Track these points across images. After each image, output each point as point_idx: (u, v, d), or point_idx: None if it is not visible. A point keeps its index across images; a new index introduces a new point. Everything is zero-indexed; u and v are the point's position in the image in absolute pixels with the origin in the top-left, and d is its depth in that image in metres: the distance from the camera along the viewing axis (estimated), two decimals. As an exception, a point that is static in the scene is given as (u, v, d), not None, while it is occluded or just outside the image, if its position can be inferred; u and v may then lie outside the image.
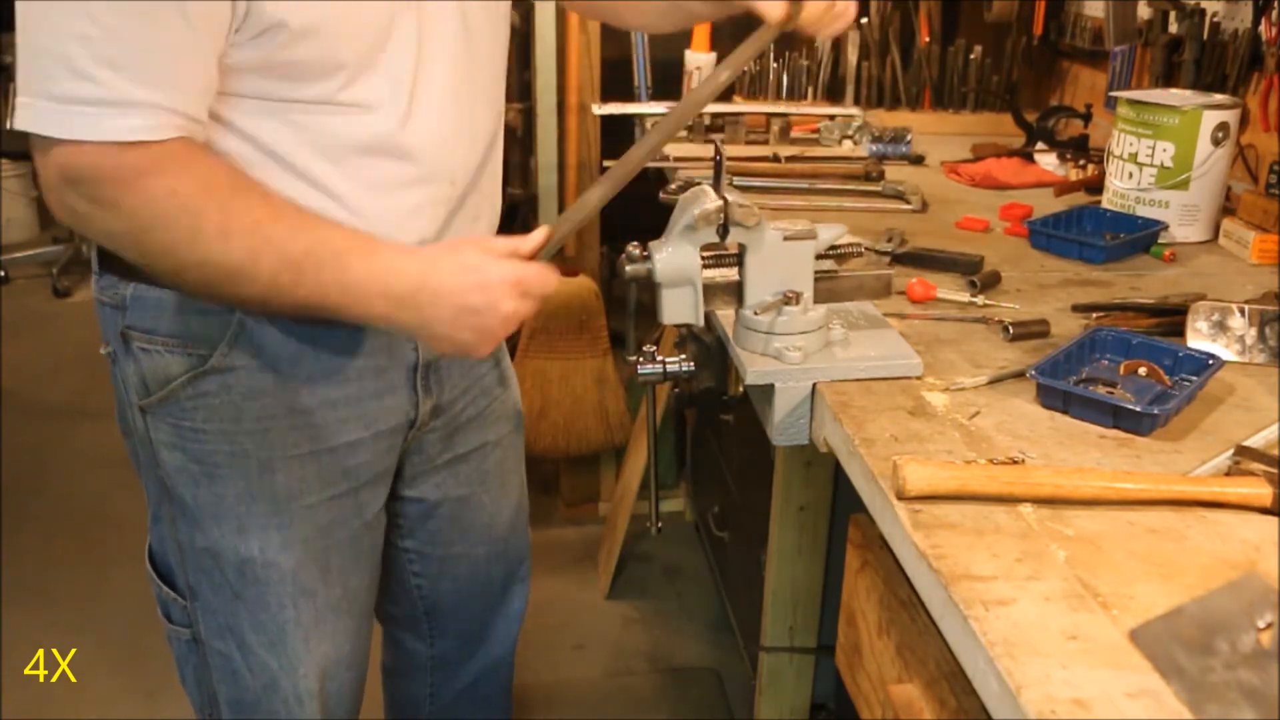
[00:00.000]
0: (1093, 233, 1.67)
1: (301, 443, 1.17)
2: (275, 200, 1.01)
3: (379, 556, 1.34)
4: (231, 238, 0.97)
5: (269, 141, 1.04)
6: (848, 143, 2.25)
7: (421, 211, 1.14)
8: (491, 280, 1.04)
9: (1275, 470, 0.92)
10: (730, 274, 1.17)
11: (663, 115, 1.12)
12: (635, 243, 1.13)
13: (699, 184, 1.13)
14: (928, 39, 2.53)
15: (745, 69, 2.52)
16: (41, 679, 2.28)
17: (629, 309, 1.17)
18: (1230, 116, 1.64)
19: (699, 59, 2.46)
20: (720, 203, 1.10)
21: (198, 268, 0.99)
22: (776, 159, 2.07)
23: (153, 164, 0.94)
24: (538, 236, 1.08)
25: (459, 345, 1.06)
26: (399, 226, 1.11)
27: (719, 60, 2.46)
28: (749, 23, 1.23)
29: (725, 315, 1.22)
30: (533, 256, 1.08)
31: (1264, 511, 0.89)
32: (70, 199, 0.96)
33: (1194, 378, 1.12)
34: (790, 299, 1.14)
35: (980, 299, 1.39)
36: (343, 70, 1.02)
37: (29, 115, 0.93)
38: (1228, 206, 1.72)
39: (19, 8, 0.91)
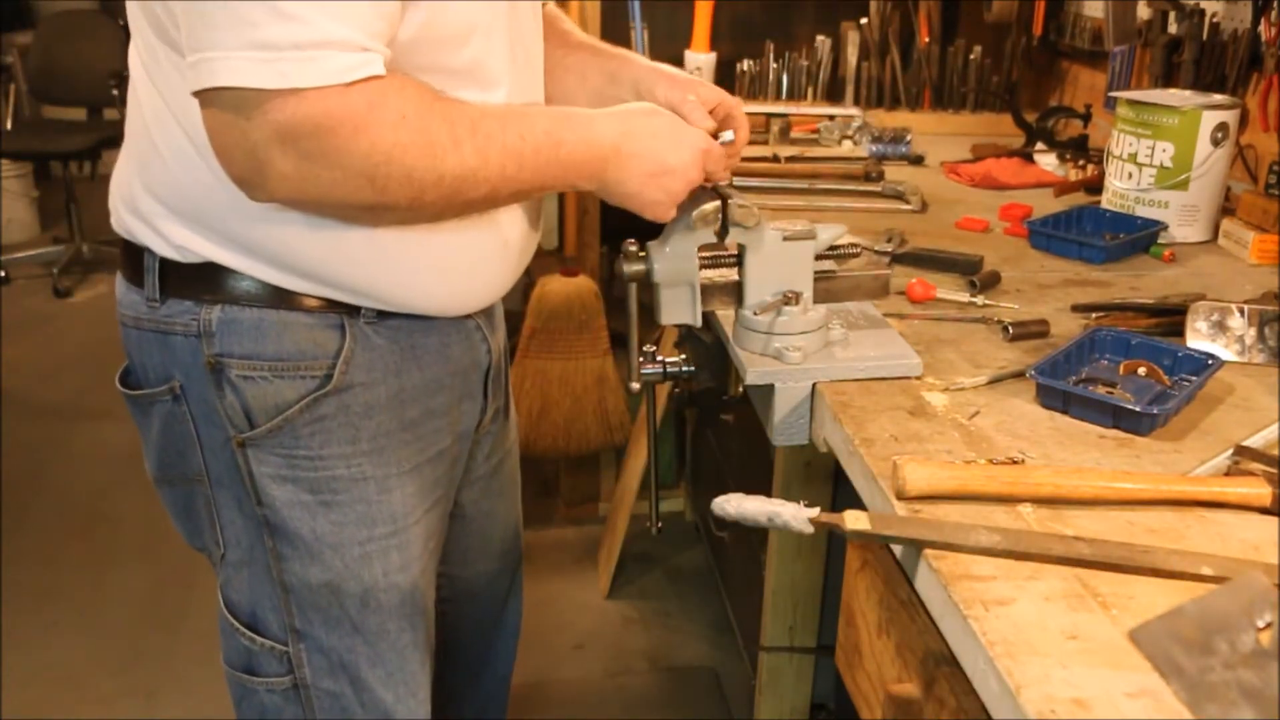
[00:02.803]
0: (1092, 233, 1.67)
1: (411, 456, 1.14)
2: (467, 101, 1.00)
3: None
4: (462, 144, 0.95)
5: None
6: (847, 143, 2.25)
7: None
8: (684, 141, 1.09)
9: (1275, 470, 0.92)
10: (730, 274, 1.17)
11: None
12: (632, 240, 1.13)
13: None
14: (927, 39, 2.53)
15: (745, 70, 2.52)
16: (41, 679, 2.28)
17: (630, 337, 1.18)
18: (1230, 117, 1.64)
19: (699, 59, 2.46)
20: (719, 203, 1.10)
21: (436, 185, 0.95)
22: (776, 159, 2.07)
23: (378, 95, 0.90)
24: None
25: (644, 205, 1.09)
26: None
27: (719, 60, 2.47)
28: (748, 27, 1.26)
29: (725, 315, 1.22)
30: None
31: (1263, 511, 0.89)
32: (292, 158, 0.89)
33: (1193, 378, 1.12)
34: (790, 299, 1.14)
35: (980, 299, 1.39)
36: (473, 41, 1.02)
37: (225, 69, 0.85)
38: (1227, 207, 1.72)
39: None
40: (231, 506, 1.12)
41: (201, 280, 1.04)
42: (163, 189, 1.03)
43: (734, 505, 0.91)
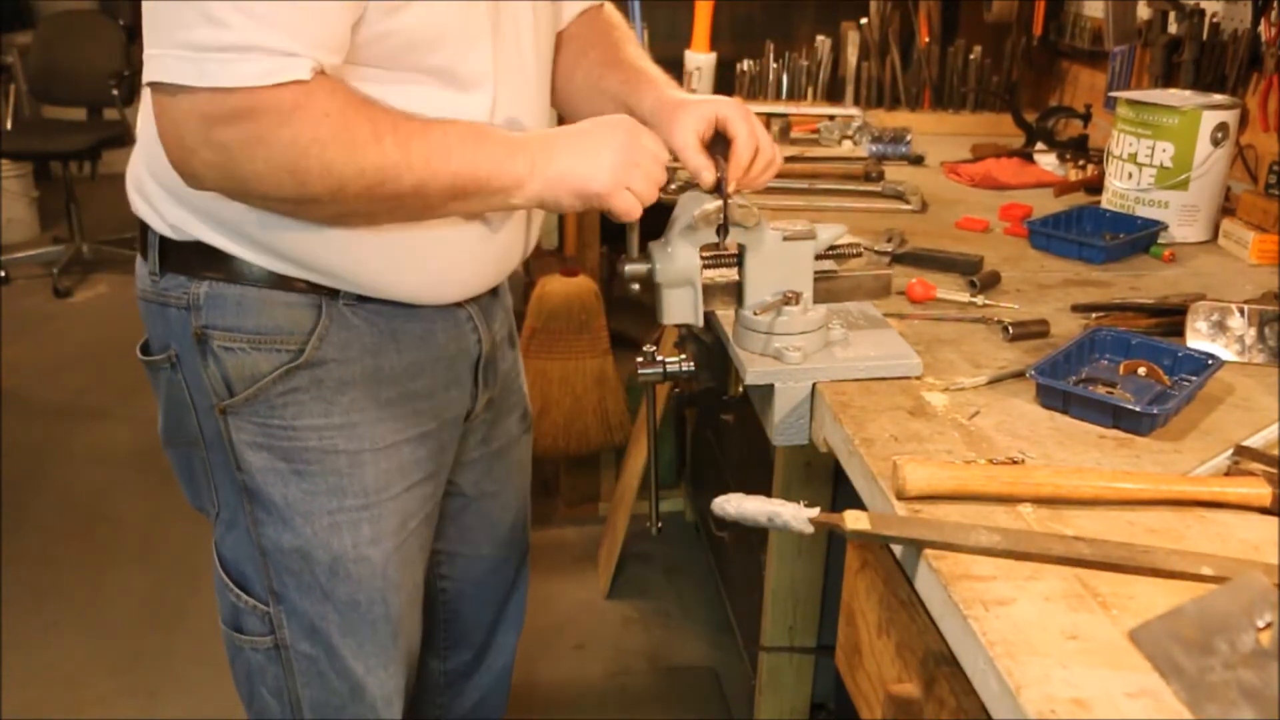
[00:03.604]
0: (1092, 233, 1.67)
1: (386, 434, 1.18)
2: (392, 108, 1.02)
3: (429, 547, 1.34)
4: (383, 138, 0.98)
5: None
6: (847, 143, 2.25)
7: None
8: (644, 133, 1.09)
9: (1274, 470, 0.92)
10: (730, 274, 1.17)
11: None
12: (636, 248, 1.13)
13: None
14: (927, 39, 2.53)
15: (745, 70, 2.52)
16: (41, 679, 2.28)
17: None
18: (1229, 117, 1.64)
19: (699, 59, 2.46)
20: (720, 203, 1.10)
21: (358, 177, 0.98)
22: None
23: (306, 94, 0.94)
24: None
25: (587, 178, 1.06)
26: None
27: (719, 60, 2.47)
28: (748, 27, 1.25)
29: (725, 315, 1.22)
30: None
31: (1263, 511, 0.89)
32: (215, 149, 0.95)
33: (1193, 378, 1.12)
34: (790, 299, 1.14)
35: (980, 299, 1.39)
36: (446, 43, 1.04)
37: (161, 66, 0.93)
38: (1227, 207, 1.72)
39: None
40: (221, 469, 1.18)
41: (194, 257, 1.10)
42: (161, 172, 1.07)
43: (734, 505, 0.91)
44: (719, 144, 1.14)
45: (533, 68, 1.18)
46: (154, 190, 1.11)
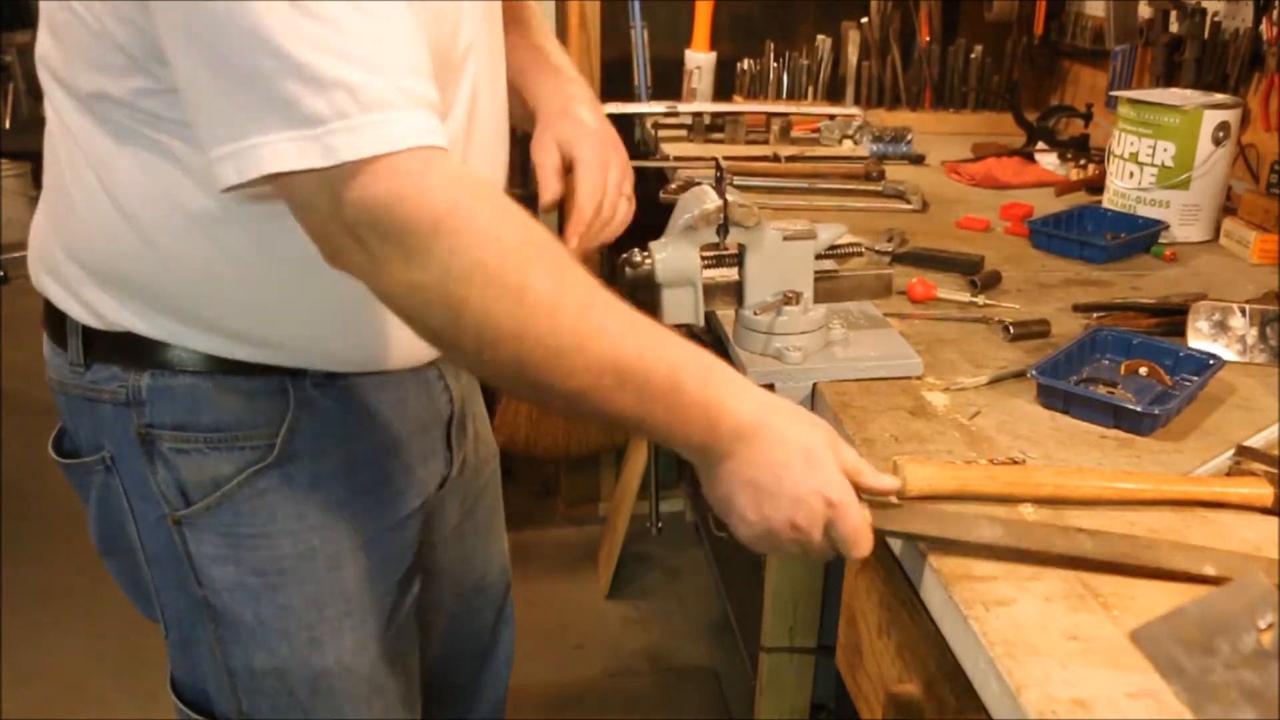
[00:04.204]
0: (1093, 232, 1.67)
1: (366, 527, 1.03)
2: (594, 281, 0.81)
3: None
4: (561, 315, 0.77)
5: None
6: (848, 142, 2.25)
7: None
8: (819, 478, 0.81)
9: (1276, 470, 0.92)
10: (730, 274, 1.17)
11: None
12: (636, 248, 1.13)
13: (699, 184, 1.13)
14: (928, 39, 2.52)
15: (745, 68, 2.52)
16: (41, 679, 2.28)
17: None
18: (1231, 116, 1.64)
19: (699, 59, 2.46)
20: (720, 203, 1.10)
21: (515, 340, 0.77)
22: (776, 159, 2.07)
23: (466, 194, 0.76)
24: (890, 482, 0.86)
25: (736, 516, 0.84)
26: None
27: (719, 60, 2.47)
28: (748, 27, 1.24)
29: (725, 315, 1.22)
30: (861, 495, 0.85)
31: (1265, 512, 0.89)
32: (366, 244, 0.76)
33: (1195, 378, 1.12)
34: (790, 299, 1.13)
35: (980, 299, 1.38)
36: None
37: (270, 156, 0.73)
38: (1229, 206, 1.71)
39: (187, 23, 0.73)
40: (170, 585, 1.03)
41: (129, 345, 0.93)
42: (82, 250, 0.94)
43: None
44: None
45: (502, 114, 1.06)
46: (72, 272, 0.94)
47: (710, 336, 1.24)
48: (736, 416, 0.82)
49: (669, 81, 2.51)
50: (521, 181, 2.89)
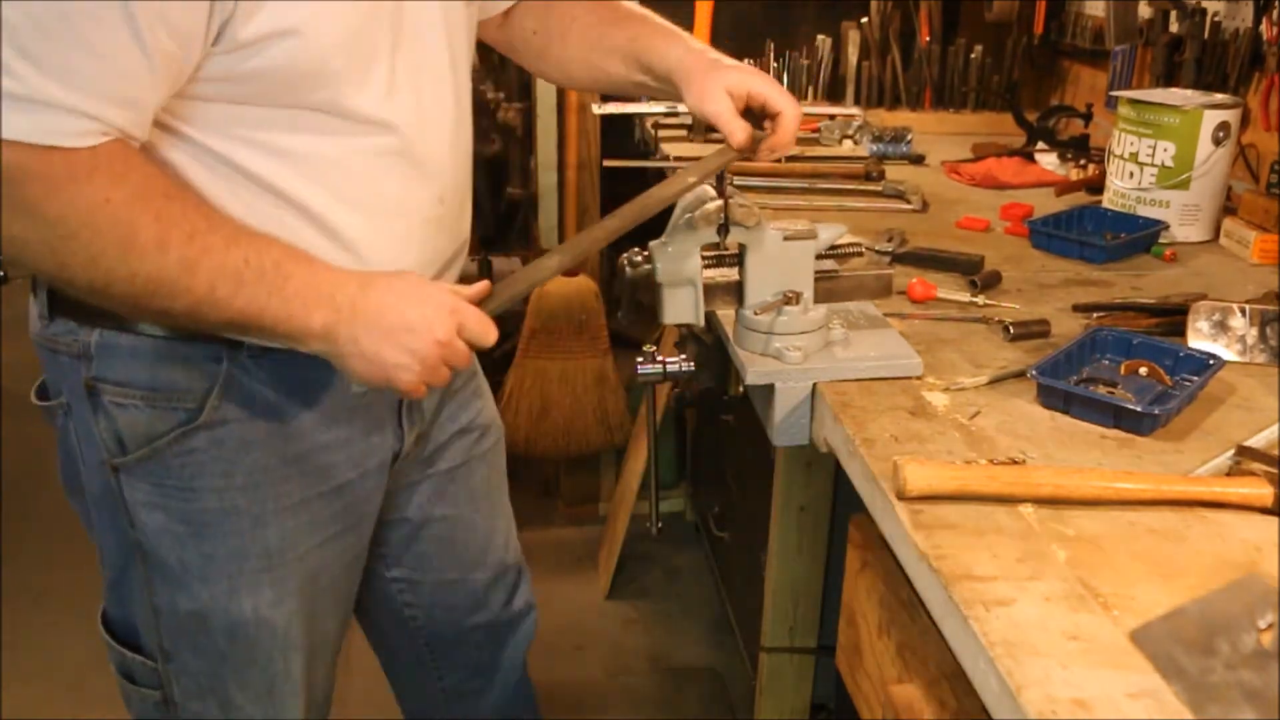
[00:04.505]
0: (1093, 232, 1.67)
1: (294, 492, 1.11)
2: (208, 208, 0.94)
3: (355, 594, 1.28)
4: (169, 249, 0.89)
5: (243, 160, 0.97)
6: (848, 142, 2.25)
7: (410, 234, 1.08)
8: (430, 297, 0.98)
9: (1276, 470, 0.92)
10: (730, 274, 1.17)
11: (619, 211, 1.09)
12: (636, 248, 1.13)
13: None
14: (928, 39, 2.52)
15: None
16: (41, 679, 2.28)
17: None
18: (1231, 116, 1.64)
19: (699, 59, 2.45)
20: (720, 202, 1.10)
21: (127, 281, 0.90)
22: (776, 159, 2.07)
23: (85, 169, 0.86)
24: (478, 287, 1.03)
25: (386, 369, 0.98)
26: (390, 249, 1.05)
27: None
28: (748, 27, 1.24)
29: (725, 315, 1.22)
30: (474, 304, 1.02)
31: (1265, 511, 0.89)
32: None
33: (1195, 378, 1.12)
34: (790, 299, 1.13)
35: (980, 299, 1.38)
36: (335, 77, 0.96)
37: None
38: (1229, 206, 1.71)
39: None
40: (107, 526, 1.12)
41: (83, 304, 1.00)
42: None
43: None
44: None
45: (450, 94, 1.09)
46: None
47: (710, 336, 1.24)
48: (338, 285, 0.96)
49: (669, 81, 2.51)
50: (521, 181, 2.90)
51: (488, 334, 1.01)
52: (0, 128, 0.83)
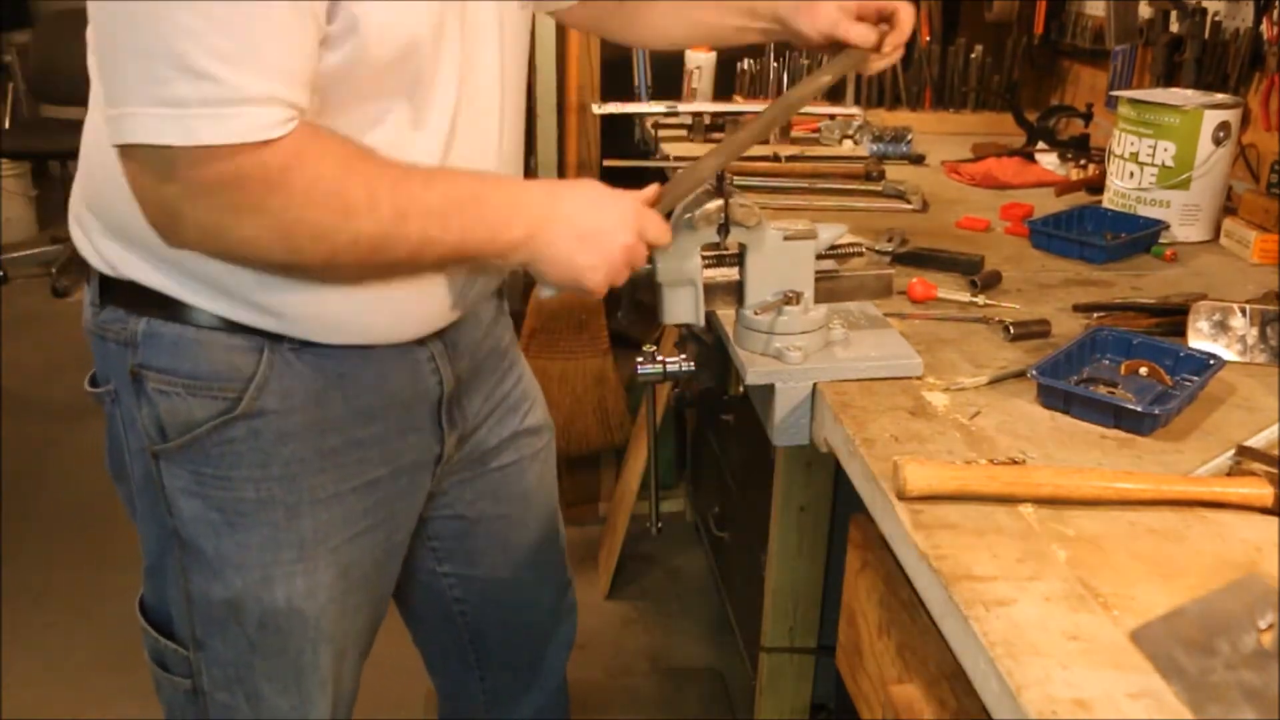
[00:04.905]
0: (1093, 232, 1.67)
1: (328, 484, 1.12)
2: (390, 160, 0.97)
3: (387, 596, 1.29)
4: (379, 205, 0.93)
5: None
6: (848, 142, 2.25)
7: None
8: (615, 203, 1.04)
9: (1276, 470, 0.92)
10: (731, 274, 1.17)
11: (761, 114, 1.16)
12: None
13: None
14: (928, 39, 2.52)
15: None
16: (41, 679, 2.28)
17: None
18: (1231, 116, 1.64)
19: (699, 59, 2.46)
20: (720, 202, 1.10)
21: (351, 246, 0.94)
22: (777, 159, 2.07)
23: (294, 154, 0.89)
24: (649, 191, 1.09)
25: (576, 270, 1.04)
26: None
27: (719, 59, 2.47)
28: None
29: (725, 315, 1.22)
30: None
31: (1265, 512, 0.89)
32: (204, 212, 0.89)
33: (1195, 378, 1.12)
34: (790, 299, 1.13)
35: (981, 299, 1.38)
36: (418, 77, 0.99)
37: (138, 125, 0.85)
38: (1229, 206, 1.71)
39: (101, 10, 0.86)
40: (148, 512, 1.13)
41: (133, 293, 1.04)
42: (97, 205, 1.04)
43: None
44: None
45: (496, 101, 1.10)
46: (91, 224, 1.06)
47: (710, 336, 1.24)
48: (531, 199, 1.02)
49: (669, 81, 2.51)
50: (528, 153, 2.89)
51: (663, 234, 1.08)
52: (217, 137, 0.85)
